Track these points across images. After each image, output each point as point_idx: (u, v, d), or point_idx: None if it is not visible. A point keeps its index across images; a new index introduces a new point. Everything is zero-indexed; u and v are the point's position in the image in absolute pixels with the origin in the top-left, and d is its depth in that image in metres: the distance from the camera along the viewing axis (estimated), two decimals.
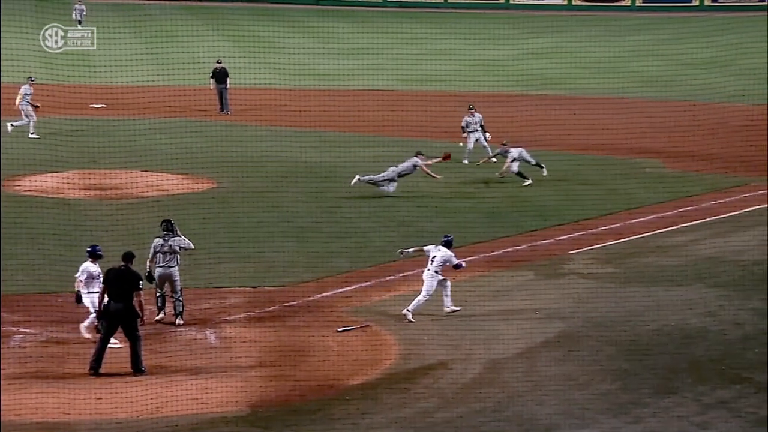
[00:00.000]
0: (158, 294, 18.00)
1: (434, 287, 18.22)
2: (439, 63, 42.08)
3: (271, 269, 20.70)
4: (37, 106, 30.97)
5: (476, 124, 30.23)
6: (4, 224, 22.09)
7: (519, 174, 27.09)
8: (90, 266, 17.02)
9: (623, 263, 20.75)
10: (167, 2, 56.26)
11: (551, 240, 22.65)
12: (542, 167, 27.40)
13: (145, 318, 16.34)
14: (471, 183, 27.85)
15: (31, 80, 31.39)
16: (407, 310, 18.23)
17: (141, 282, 16.27)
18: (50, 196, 25.31)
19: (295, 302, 19.04)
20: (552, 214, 24.55)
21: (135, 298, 16.11)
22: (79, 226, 21.48)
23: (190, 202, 25.09)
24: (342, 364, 16.47)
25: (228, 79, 36.24)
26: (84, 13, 49.49)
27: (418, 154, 26.61)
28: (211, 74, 36.19)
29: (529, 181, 26.86)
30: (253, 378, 16.08)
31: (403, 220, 24.28)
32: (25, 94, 31.10)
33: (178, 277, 17.91)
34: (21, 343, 17.00)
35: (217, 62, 36.15)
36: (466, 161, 29.62)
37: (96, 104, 35.94)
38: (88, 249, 17.14)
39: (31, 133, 30.74)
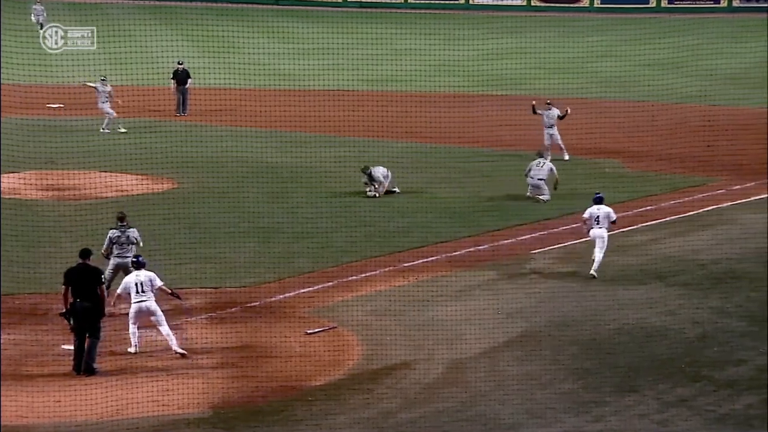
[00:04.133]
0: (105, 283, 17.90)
1: (607, 241, 19.88)
2: (400, 63, 42.13)
3: (233, 270, 20.61)
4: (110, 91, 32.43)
5: (552, 118, 29.56)
6: None
7: None
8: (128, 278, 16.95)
9: (585, 263, 20.90)
10: (126, 2, 55.79)
11: (513, 239, 22.74)
12: None
13: (106, 312, 16.32)
14: (433, 182, 27.90)
15: (102, 79, 32.47)
16: (594, 271, 19.68)
17: (103, 276, 16.17)
18: (6, 196, 24.92)
19: (256, 303, 18.97)
20: (513, 214, 24.65)
21: (99, 293, 16.02)
22: (37, 227, 21.22)
23: (150, 202, 24.85)
24: (305, 365, 16.42)
25: (190, 80, 36.01)
26: (44, 14, 48.75)
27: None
28: (172, 75, 35.91)
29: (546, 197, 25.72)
30: (215, 379, 15.97)
31: (365, 220, 24.25)
32: (102, 92, 32.49)
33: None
34: None
35: (179, 63, 35.87)
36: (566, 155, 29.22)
37: (53, 104, 35.50)
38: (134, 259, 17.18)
39: (104, 129, 31.84)
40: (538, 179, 25.31)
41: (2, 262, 19.54)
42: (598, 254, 20.07)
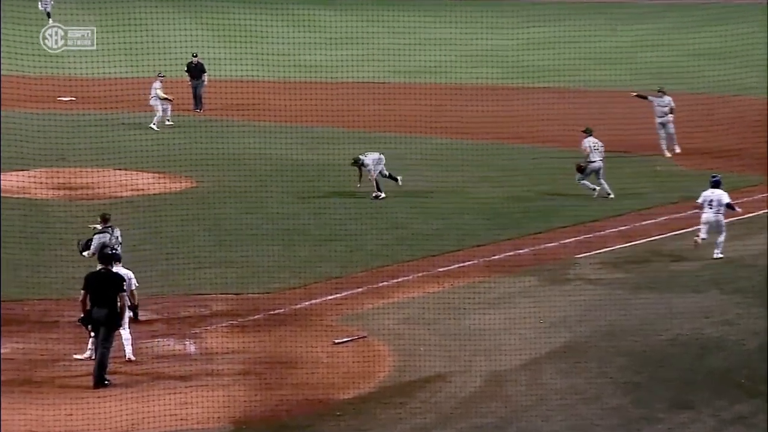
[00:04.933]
0: None
1: (725, 226, 20.73)
2: (434, 53, 42.07)
3: (256, 275, 20.64)
4: (170, 100, 33.91)
5: (666, 106, 29.10)
6: None
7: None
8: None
9: (634, 268, 20.74)
10: None
11: (556, 243, 22.63)
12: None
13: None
14: (470, 181, 27.82)
15: (161, 76, 33.75)
16: (718, 252, 20.26)
17: (125, 283, 16.27)
18: (15, 196, 25.15)
19: (281, 310, 18.99)
20: (556, 216, 24.52)
21: (119, 302, 16.11)
22: (47, 229, 21.34)
23: (168, 202, 24.98)
24: (332, 377, 16.40)
25: (205, 75, 36.16)
26: (51, 2, 49.32)
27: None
28: (185, 69, 36.08)
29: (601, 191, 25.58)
30: (236, 392, 15.98)
31: (397, 221, 24.24)
32: (156, 89, 33.71)
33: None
34: None
35: (193, 56, 36.04)
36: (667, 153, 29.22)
37: (64, 97, 35.78)
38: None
39: (153, 124, 33.13)
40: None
41: (10, 266, 19.71)
42: (721, 237, 20.82)
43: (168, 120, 34.20)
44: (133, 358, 16.70)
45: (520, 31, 37.95)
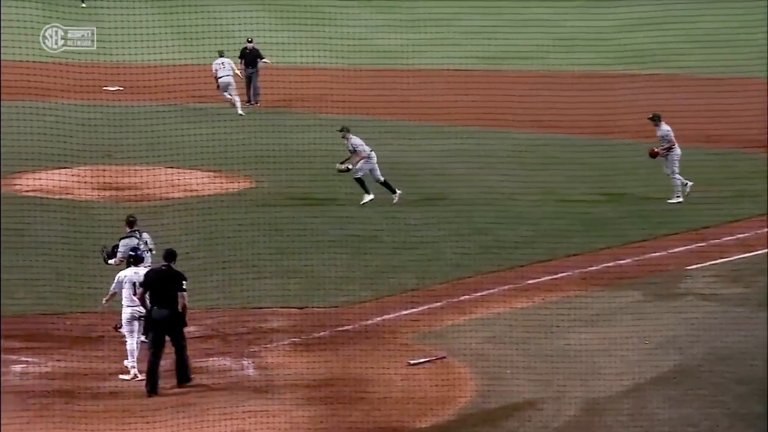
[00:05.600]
0: None
1: None
2: (522, 36, 41.76)
3: (321, 286, 20.72)
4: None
5: None
6: (2, 231, 22.35)
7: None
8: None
9: (755, 282, 20.36)
10: None
11: (663, 252, 22.36)
12: None
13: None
14: (563, 182, 27.58)
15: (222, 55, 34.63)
16: None
17: (185, 282, 16.56)
18: (57, 197, 25.59)
19: (349, 326, 19.04)
20: (663, 221, 24.20)
21: (180, 301, 16.46)
22: (91, 234, 21.59)
23: (224, 204, 25.17)
24: (407, 403, 16.37)
25: (261, 62, 36.25)
26: None
27: None
28: (239, 55, 36.25)
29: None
30: (299, 418, 16.02)
31: (480, 227, 24.15)
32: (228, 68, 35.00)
33: None
34: (22, 374, 17.11)
35: (248, 41, 36.22)
36: None
37: (110, 86, 36.33)
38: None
39: (239, 113, 34.46)
40: None
41: (51, 274, 20.04)
42: None
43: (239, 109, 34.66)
44: (134, 370, 16.85)
45: (620, 10, 37.58)
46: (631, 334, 18.37)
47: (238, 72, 35.76)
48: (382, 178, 25.98)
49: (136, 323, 17.07)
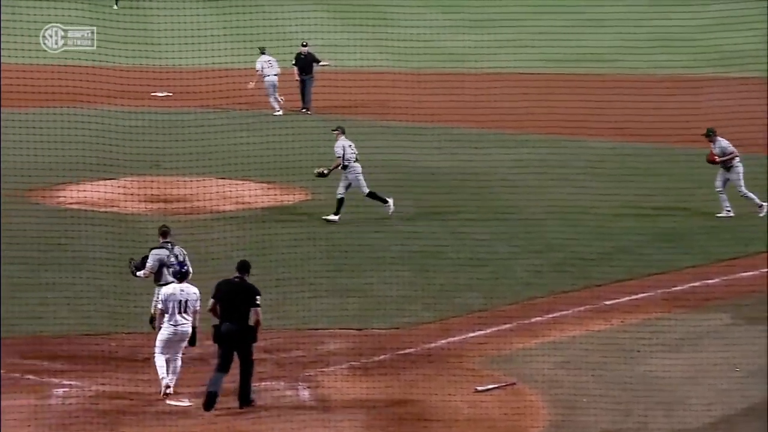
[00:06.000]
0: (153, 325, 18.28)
1: None
2: (599, 36, 41.47)
3: (381, 306, 20.71)
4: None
5: None
6: (43, 245, 22.63)
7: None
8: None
9: None
10: None
11: (755, 272, 22.07)
12: None
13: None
14: (644, 194, 27.31)
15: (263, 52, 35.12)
16: None
17: (258, 298, 16.67)
18: (102, 209, 25.84)
19: (412, 349, 19.01)
20: (755, 238, 23.87)
21: (253, 317, 16.61)
22: (138, 249, 21.68)
23: (278, 218, 25.30)
24: None
25: (319, 65, 36.31)
26: None
27: None
28: (293, 61, 36.38)
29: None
30: None
31: (553, 243, 24.00)
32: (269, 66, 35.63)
33: None
34: (64, 398, 17.28)
35: (303, 45, 36.32)
36: None
37: (159, 92, 36.65)
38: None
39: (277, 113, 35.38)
40: None
41: (95, 292, 20.23)
42: None
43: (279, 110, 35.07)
44: (170, 391, 16.96)
45: (708, 7, 37.14)
46: (719, 360, 18.15)
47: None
48: (366, 190, 25.75)
49: (176, 345, 17.14)
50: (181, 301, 17.18)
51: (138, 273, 18.59)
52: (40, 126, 29.89)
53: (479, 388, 17.52)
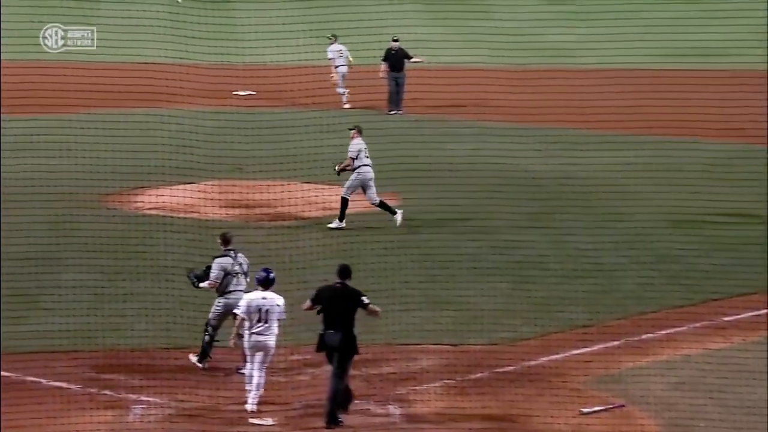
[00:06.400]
0: (209, 333, 18.44)
1: None
2: (713, 30, 40.94)
3: (477, 320, 20.68)
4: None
5: None
6: (120, 252, 22.95)
7: None
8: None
9: None
10: None
11: None
12: None
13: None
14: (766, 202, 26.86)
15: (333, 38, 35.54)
16: None
17: (365, 298, 16.86)
18: (181, 215, 26.10)
19: (511, 367, 18.94)
20: None
21: (370, 315, 16.94)
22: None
23: (366, 225, 25.34)
24: None
25: (410, 62, 36.26)
26: None
27: None
28: (383, 57, 36.37)
29: None
30: None
31: (665, 254, 23.76)
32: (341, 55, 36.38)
33: None
34: (143, 415, 17.48)
35: (393, 40, 36.30)
36: None
37: (241, 91, 36.99)
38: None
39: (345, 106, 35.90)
40: None
41: (174, 303, 20.43)
42: None
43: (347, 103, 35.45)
44: (254, 409, 16.99)
45: None
46: None
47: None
48: (377, 200, 25.70)
49: (259, 354, 17.24)
50: (261, 309, 17.27)
51: (201, 284, 18.74)
52: (116, 128, 30.40)
53: (584, 410, 17.38)
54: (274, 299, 17.37)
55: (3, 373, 18.09)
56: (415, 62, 36.71)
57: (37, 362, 18.49)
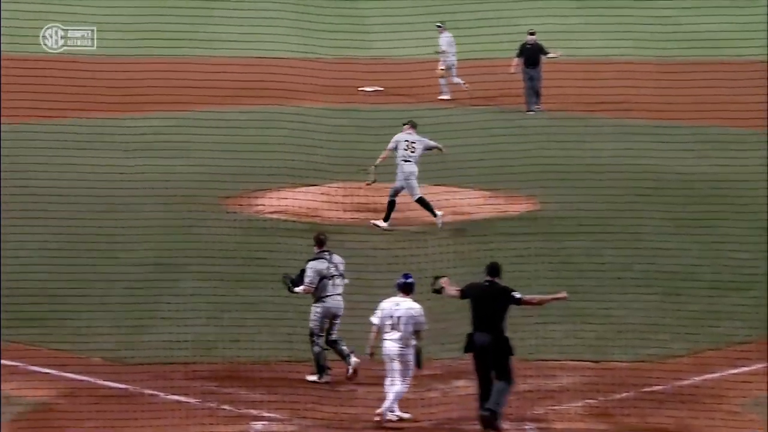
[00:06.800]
0: (317, 344, 18.51)
1: None
2: None
3: (622, 335, 20.47)
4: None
5: None
6: (239, 258, 23.18)
7: None
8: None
9: None
10: None
11: None
12: None
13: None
14: None
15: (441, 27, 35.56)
16: None
17: (516, 293, 16.95)
18: (303, 219, 26.28)
19: (660, 387, 18.69)
20: None
21: (530, 306, 17.04)
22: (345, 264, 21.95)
23: (501, 230, 25.23)
24: None
25: (546, 57, 36.01)
26: None
27: None
28: (518, 52, 36.14)
29: None
30: None
31: None
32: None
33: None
34: None
35: (529, 33, 36.09)
36: None
37: (367, 87, 37.12)
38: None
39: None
40: None
41: (296, 313, 20.56)
42: None
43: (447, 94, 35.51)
44: (393, 416, 17.04)
45: None
46: None
47: None
48: (418, 193, 25.88)
49: (395, 364, 17.26)
50: (393, 316, 17.28)
51: (296, 289, 18.85)
52: (235, 126, 30.75)
53: None
54: (408, 306, 17.36)
55: (121, 386, 18.44)
56: (551, 57, 36.45)
57: (155, 374, 18.76)
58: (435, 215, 25.88)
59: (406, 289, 17.52)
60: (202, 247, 23.86)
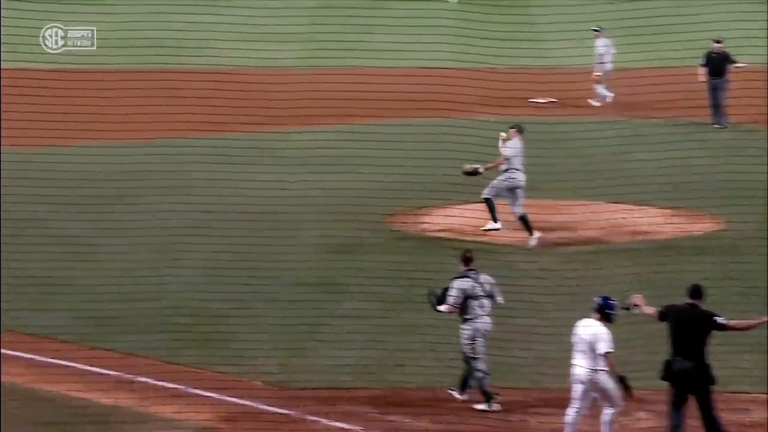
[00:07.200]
0: (477, 368, 18.55)
1: None
2: None
3: None
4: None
5: None
6: (402, 278, 23.27)
7: None
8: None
9: None
10: None
11: None
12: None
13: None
14: None
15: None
16: None
17: (719, 318, 16.83)
18: (469, 239, 26.23)
19: None
20: None
21: (737, 326, 16.90)
22: (513, 287, 21.87)
23: (681, 251, 24.96)
24: None
25: (733, 67, 35.52)
26: None
27: None
28: (703, 61, 35.75)
29: None
30: None
31: None
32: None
33: None
34: None
35: (716, 42, 35.60)
36: None
37: (540, 99, 37.00)
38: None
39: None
40: None
41: (458, 338, 20.68)
42: None
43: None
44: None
45: None
46: None
47: None
48: (520, 211, 25.68)
49: (581, 389, 17.29)
50: (579, 342, 17.33)
51: (439, 308, 18.96)
52: (398, 140, 30.94)
53: None
54: (594, 330, 17.29)
55: (283, 411, 18.76)
56: (738, 67, 35.97)
57: (317, 399, 18.98)
58: (531, 233, 25.89)
59: (598, 311, 17.41)
60: (365, 267, 24.03)
